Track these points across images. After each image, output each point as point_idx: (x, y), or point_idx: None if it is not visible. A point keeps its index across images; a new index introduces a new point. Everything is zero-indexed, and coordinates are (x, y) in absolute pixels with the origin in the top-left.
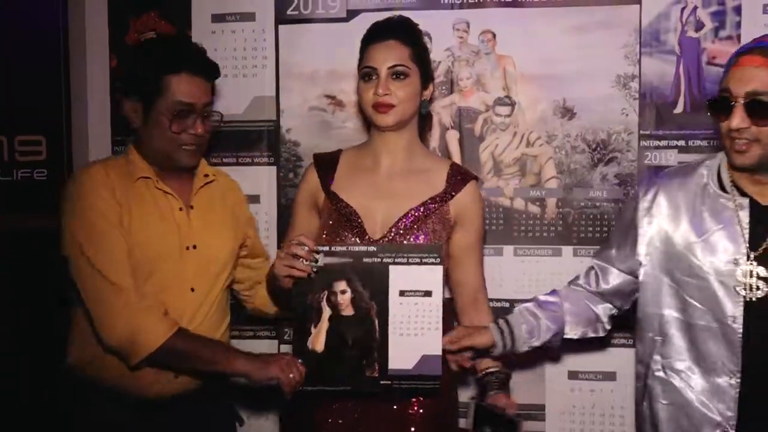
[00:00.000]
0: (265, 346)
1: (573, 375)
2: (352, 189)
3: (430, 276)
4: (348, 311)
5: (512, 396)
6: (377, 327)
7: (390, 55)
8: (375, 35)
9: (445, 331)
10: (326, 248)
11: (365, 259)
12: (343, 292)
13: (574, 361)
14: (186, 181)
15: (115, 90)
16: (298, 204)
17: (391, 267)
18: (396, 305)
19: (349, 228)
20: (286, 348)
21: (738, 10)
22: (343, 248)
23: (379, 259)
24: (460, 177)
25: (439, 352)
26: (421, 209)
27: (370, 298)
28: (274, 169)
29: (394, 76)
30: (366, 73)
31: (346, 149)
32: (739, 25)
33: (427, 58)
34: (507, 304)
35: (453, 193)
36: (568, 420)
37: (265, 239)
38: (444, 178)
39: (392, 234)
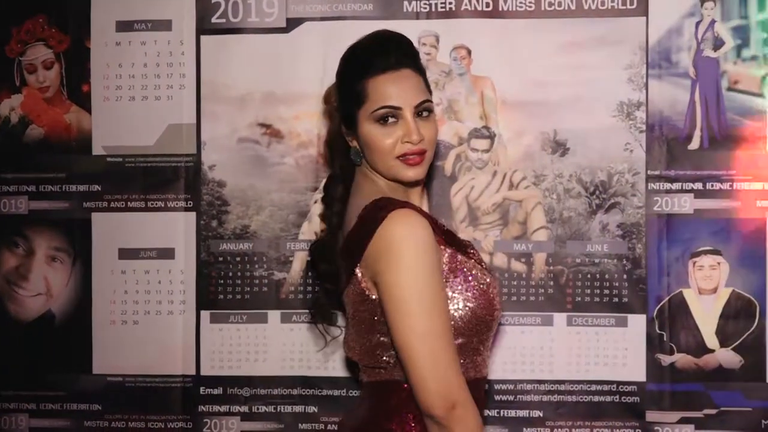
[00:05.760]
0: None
1: None
2: None
3: None
4: None
5: None
6: None
7: (412, 90)
8: (381, 62)
9: None
10: None
11: None
12: None
13: None
14: None
15: None
16: (435, 280)
17: None
18: None
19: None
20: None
21: (765, 25)
22: None
23: None
24: None
25: None
26: None
27: None
28: (193, 215)
29: (418, 115)
30: (384, 116)
31: None
32: (766, 42)
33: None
34: (485, 386)
35: None
36: None
37: (180, 305)
38: None
39: None
